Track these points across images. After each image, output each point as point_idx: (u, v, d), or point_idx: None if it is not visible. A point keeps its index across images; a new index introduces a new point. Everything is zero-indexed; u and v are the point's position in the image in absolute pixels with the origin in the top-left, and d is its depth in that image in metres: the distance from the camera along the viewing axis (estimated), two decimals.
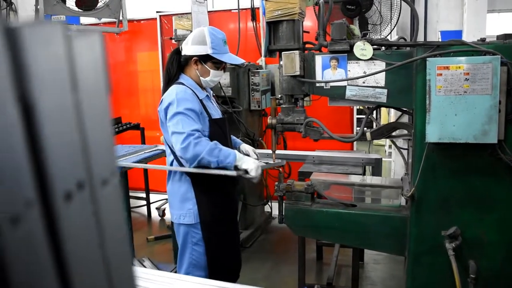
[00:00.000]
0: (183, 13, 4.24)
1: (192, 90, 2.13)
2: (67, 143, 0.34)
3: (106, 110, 0.40)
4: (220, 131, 2.21)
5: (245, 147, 2.44)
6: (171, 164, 2.21)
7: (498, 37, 1.88)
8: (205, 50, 2.13)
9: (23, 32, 0.30)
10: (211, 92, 2.38)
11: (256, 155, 2.41)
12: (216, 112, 2.26)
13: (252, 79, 3.73)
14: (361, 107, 5.87)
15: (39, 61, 0.31)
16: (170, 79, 2.20)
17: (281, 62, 2.06)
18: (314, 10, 3.48)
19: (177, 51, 2.25)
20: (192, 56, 2.16)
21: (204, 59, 2.15)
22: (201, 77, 2.18)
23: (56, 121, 0.33)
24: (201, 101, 2.16)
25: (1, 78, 0.28)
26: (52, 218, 0.31)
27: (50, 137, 0.31)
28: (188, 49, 2.17)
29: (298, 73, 2.01)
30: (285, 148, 4.13)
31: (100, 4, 4.38)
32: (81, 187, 0.35)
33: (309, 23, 3.95)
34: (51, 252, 0.32)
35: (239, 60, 2.24)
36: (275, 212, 4.42)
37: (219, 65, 2.18)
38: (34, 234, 0.30)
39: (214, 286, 1.25)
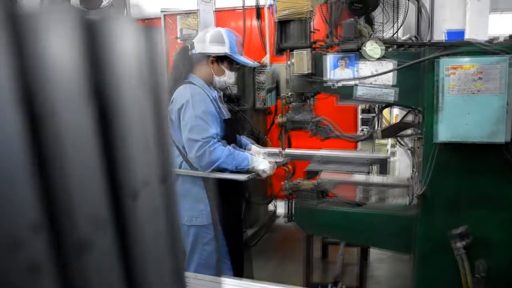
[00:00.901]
0: (187, 12, 4.24)
1: (204, 91, 2.14)
2: (137, 141, 0.34)
3: (165, 107, 0.40)
4: (231, 131, 2.23)
5: (254, 150, 2.44)
6: (180, 166, 2.20)
7: (507, 38, 1.88)
8: (223, 50, 2.15)
9: (100, 26, 0.30)
10: (220, 92, 2.39)
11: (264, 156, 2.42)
12: (225, 112, 2.28)
13: (257, 77, 3.73)
14: (363, 106, 5.86)
15: (115, 56, 0.31)
16: (179, 77, 2.19)
17: (292, 61, 2.07)
18: (321, 9, 3.47)
19: (185, 49, 2.25)
20: (209, 55, 2.17)
21: (221, 59, 2.18)
22: (215, 77, 2.19)
23: (129, 118, 0.33)
24: (215, 101, 2.17)
25: (78, 73, 0.29)
26: (123, 215, 0.32)
27: (125, 135, 0.32)
28: (205, 47, 2.18)
29: (308, 71, 2.02)
30: (290, 147, 4.13)
31: (104, 3, 4.37)
32: (146, 185, 0.35)
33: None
34: (121, 247, 0.32)
35: (252, 63, 2.29)
36: (279, 210, 4.42)
37: (234, 65, 2.21)
38: (110, 233, 0.31)
39: (229, 285, 1.26)
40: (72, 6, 0.30)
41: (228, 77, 2.22)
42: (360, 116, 4.63)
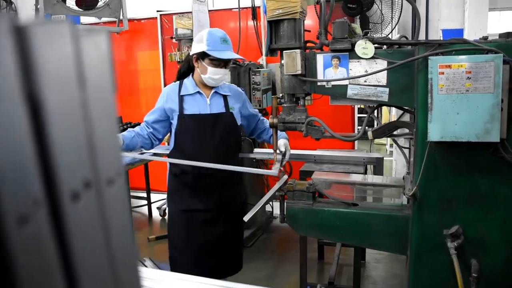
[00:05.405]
0: (183, 12, 4.24)
1: (178, 88, 2.31)
2: (74, 142, 0.34)
3: (112, 109, 0.40)
4: (192, 128, 2.25)
5: (280, 142, 2.43)
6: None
7: (500, 35, 1.87)
8: (202, 47, 2.21)
9: (31, 30, 0.30)
10: (223, 89, 2.39)
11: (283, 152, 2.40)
12: (202, 108, 2.28)
13: (253, 78, 3.72)
14: (361, 106, 5.86)
15: (47, 60, 0.31)
16: (180, 77, 2.39)
17: (282, 61, 2.05)
18: (315, 9, 3.47)
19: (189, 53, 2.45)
20: (193, 55, 2.28)
21: (202, 56, 2.23)
22: (201, 75, 2.26)
23: (64, 120, 0.33)
24: (181, 97, 2.26)
25: (9, 77, 0.28)
26: (59, 218, 0.31)
27: (57, 136, 0.31)
28: (192, 48, 2.33)
29: (299, 72, 2.00)
30: None
31: (100, 4, 4.37)
32: (88, 187, 0.35)
33: (310, 21, 3.94)
34: (58, 252, 0.32)
35: (231, 55, 2.25)
36: (276, 211, 4.42)
37: (216, 62, 2.21)
38: (41, 234, 0.30)
39: (217, 286, 1.25)
40: (3, 13, 0.30)
41: (211, 74, 2.23)
42: (357, 116, 4.61)
